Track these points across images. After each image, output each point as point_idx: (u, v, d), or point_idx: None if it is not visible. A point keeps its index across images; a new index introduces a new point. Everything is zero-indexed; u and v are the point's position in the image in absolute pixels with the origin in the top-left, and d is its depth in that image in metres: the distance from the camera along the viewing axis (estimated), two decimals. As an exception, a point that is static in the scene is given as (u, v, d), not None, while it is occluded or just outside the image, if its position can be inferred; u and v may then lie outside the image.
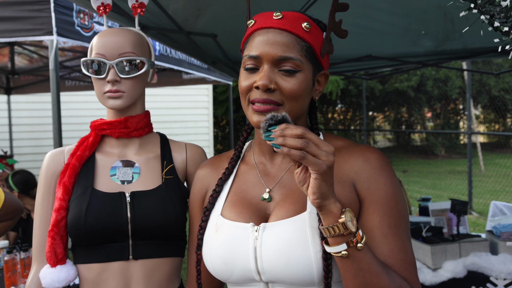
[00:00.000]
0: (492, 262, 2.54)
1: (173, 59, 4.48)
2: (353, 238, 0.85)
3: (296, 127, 0.82)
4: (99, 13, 1.38)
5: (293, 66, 0.95)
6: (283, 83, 0.95)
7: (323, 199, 0.83)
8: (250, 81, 0.98)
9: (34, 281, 1.29)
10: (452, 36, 3.01)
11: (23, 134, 7.25)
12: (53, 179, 1.32)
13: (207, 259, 1.03)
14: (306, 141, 0.80)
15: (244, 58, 0.99)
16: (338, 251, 0.86)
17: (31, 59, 5.26)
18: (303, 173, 0.85)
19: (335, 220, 0.84)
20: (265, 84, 0.94)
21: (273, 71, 0.96)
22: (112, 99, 1.27)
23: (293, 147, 0.80)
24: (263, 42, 0.96)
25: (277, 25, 0.96)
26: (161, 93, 8.12)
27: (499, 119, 15.16)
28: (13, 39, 2.79)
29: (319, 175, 0.81)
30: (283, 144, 0.80)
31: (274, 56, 0.94)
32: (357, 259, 0.86)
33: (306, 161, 0.80)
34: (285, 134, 0.81)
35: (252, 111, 0.98)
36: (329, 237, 0.86)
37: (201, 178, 1.18)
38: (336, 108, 16.23)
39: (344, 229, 0.84)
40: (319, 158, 0.80)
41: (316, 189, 0.82)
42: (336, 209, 0.85)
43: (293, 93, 0.95)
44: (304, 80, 0.97)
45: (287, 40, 0.95)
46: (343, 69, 4.35)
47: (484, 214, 7.10)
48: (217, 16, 2.37)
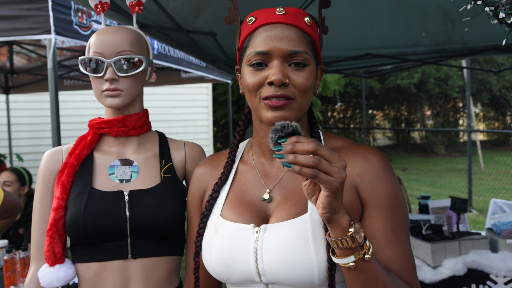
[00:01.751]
0: (492, 259, 2.54)
1: (172, 58, 4.47)
2: (361, 250, 0.84)
3: (308, 141, 0.77)
4: (96, 11, 1.37)
5: (303, 60, 0.95)
6: (295, 77, 0.95)
7: (333, 213, 0.81)
8: (259, 77, 0.96)
9: (32, 280, 1.28)
10: (453, 37, 3.01)
11: (22, 134, 7.25)
12: (51, 178, 1.31)
13: (207, 260, 1.02)
14: (318, 159, 0.76)
15: (250, 55, 0.97)
16: (346, 263, 0.85)
17: (29, 59, 5.25)
18: (311, 186, 0.81)
19: (343, 233, 0.82)
20: (280, 79, 0.92)
21: (284, 66, 0.95)
22: (110, 97, 1.26)
23: (305, 165, 0.76)
24: (271, 37, 0.95)
25: (283, 20, 0.96)
26: (161, 92, 8.12)
27: (498, 117, 15.16)
28: (11, 38, 2.78)
29: (331, 192, 0.78)
30: (294, 163, 0.76)
31: (285, 50, 0.94)
32: (364, 270, 0.85)
33: (318, 179, 0.76)
34: (296, 150, 0.76)
35: (266, 108, 0.95)
36: (337, 249, 0.85)
37: (199, 177, 1.17)
38: (335, 106, 16.23)
39: (352, 243, 0.82)
40: (332, 175, 0.77)
41: (327, 205, 0.80)
42: (345, 222, 0.82)
43: (304, 87, 0.95)
44: (312, 73, 0.97)
45: (295, 34, 0.95)
46: (343, 67, 4.35)
47: (484, 212, 7.10)
48: (216, 15, 2.37)
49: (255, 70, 0.97)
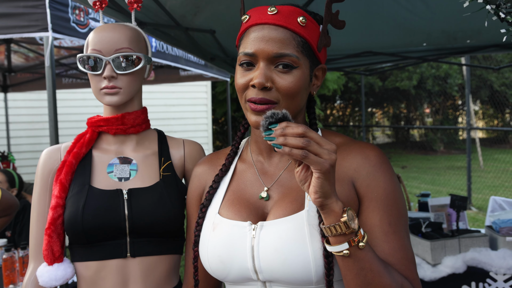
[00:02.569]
0: (491, 257, 2.54)
1: (170, 56, 4.46)
2: (355, 237, 0.84)
3: (297, 125, 0.80)
4: (95, 8, 1.36)
5: (289, 63, 0.94)
6: (279, 81, 0.93)
7: (325, 198, 0.82)
8: (246, 78, 0.96)
9: (31, 279, 1.27)
10: (453, 41, 3.03)
11: (21, 132, 7.24)
12: (50, 176, 1.30)
13: (204, 257, 1.02)
14: (307, 140, 0.78)
15: (239, 55, 0.97)
16: (340, 250, 0.84)
17: (27, 57, 5.23)
18: (303, 172, 0.83)
19: (337, 219, 0.83)
20: (261, 83, 0.92)
21: (269, 69, 0.94)
22: (109, 95, 1.25)
23: (295, 147, 0.78)
24: (258, 39, 0.94)
25: (272, 20, 0.94)
26: (160, 90, 8.11)
27: (498, 115, 15.17)
28: (8, 35, 2.77)
29: (322, 174, 0.79)
30: (284, 144, 0.79)
31: (270, 53, 0.93)
32: (358, 258, 0.84)
33: (308, 160, 0.79)
34: (286, 133, 0.79)
35: (250, 110, 0.96)
36: (331, 236, 0.85)
37: (198, 175, 1.17)
38: (335, 104, 16.23)
39: (346, 228, 0.83)
40: (321, 156, 0.79)
41: (319, 188, 0.81)
42: (338, 208, 0.83)
43: (289, 91, 0.94)
44: (300, 76, 0.95)
45: (283, 36, 0.93)
46: (343, 64, 4.35)
47: (483, 209, 7.11)
48: (215, 13, 2.35)
49: (244, 70, 0.97)
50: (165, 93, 8.39)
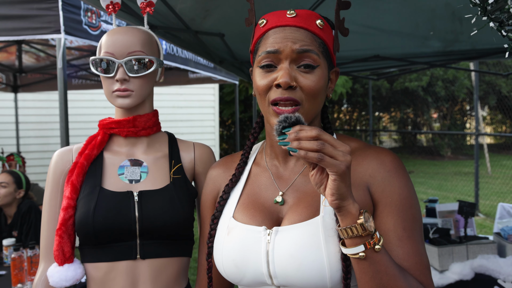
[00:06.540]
0: (500, 264, 2.52)
1: (180, 58, 4.48)
2: (371, 240, 0.84)
3: (311, 128, 0.80)
4: (108, 11, 1.38)
5: (312, 61, 0.94)
6: (303, 80, 0.94)
7: (342, 199, 0.82)
8: (268, 79, 0.96)
9: (41, 279, 1.29)
10: (461, 37, 2.99)
11: (30, 132, 7.29)
12: (61, 177, 1.31)
13: (219, 261, 1.02)
14: (322, 143, 0.79)
15: (260, 56, 0.97)
16: (356, 253, 0.84)
17: (38, 58, 5.29)
18: (319, 175, 0.83)
19: (353, 221, 0.83)
20: (287, 82, 0.92)
21: (292, 68, 0.94)
22: (121, 98, 1.26)
23: (310, 150, 0.78)
24: (280, 38, 0.95)
25: (292, 23, 0.95)
26: (168, 92, 8.14)
27: (506, 120, 15.04)
28: (21, 37, 2.80)
29: (338, 176, 0.80)
30: (299, 148, 0.79)
31: (294, 49, 0.93)
32: (374, 261, 0.84)
33: (324, 163, 0.79)
34: (300, 137, 0.79)
35: (274, 114, 0.96)
36: (347, 239, 0.85)
37: (213, 179, 1.17)
38: (342, 108, 16.19)
39: (362, 230, 0.83)
40: (337, 158, 0.79)
41: (335, 190, 0.81)
42: (354, 210, 0.83)
43: (312, 90, 0.94)
44: (322, 76, 0.96)
45: (304, 36, 0.95)
46: (351, 69, 4.34)
47: (491, 216, 7.05)
48: (225, 16, 2.37)
49: (264, 72, 0.97)
50: (173, 95, 8.42)
